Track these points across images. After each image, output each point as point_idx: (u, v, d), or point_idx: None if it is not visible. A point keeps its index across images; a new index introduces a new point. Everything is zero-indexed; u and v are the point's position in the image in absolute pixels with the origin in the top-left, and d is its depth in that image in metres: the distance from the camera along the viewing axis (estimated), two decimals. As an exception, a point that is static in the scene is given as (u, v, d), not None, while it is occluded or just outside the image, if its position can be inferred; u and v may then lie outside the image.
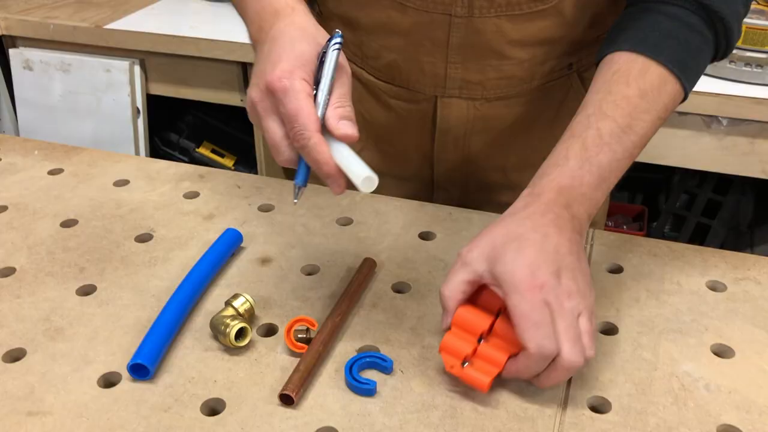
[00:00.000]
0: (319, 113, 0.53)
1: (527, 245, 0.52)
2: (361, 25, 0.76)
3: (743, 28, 1.20)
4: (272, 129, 0.54)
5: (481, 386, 0.53)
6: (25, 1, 1.63)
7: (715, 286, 0.67)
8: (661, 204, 1.70)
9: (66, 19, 1.52)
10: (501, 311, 0.55)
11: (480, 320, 0.55)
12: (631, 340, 0.60)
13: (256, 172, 1.66)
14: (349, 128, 0.53)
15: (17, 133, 1.66)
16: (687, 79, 0.65)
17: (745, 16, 0.68)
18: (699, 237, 1.55)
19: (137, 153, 1.57)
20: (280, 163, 0.55)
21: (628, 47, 0.64)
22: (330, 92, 0.54)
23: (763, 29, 1.21)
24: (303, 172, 0.55)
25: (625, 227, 1.57)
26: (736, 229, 1.57)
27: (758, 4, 1.32)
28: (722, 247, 1.54)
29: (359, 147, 0.84)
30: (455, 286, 0.54)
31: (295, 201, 0.55)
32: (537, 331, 0.50)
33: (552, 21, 0.71)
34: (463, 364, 0.53)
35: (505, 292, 0.51)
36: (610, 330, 0.61)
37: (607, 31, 0.69)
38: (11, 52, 1.59)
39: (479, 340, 0.55)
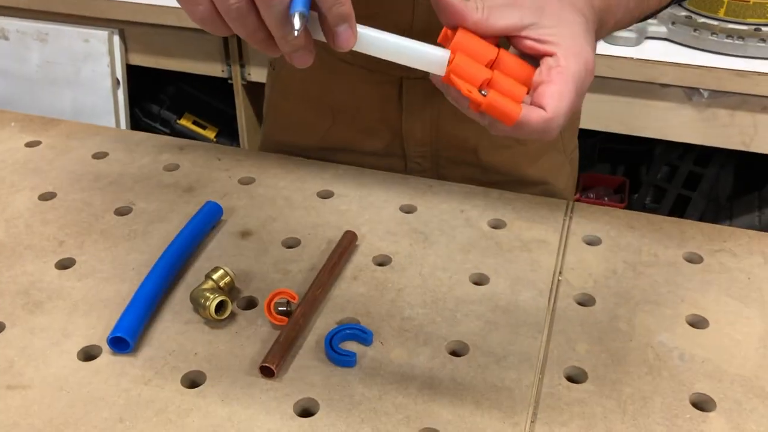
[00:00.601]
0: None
1: (581, 23, 0.50)
2: None
3: (725, 0, 1.20)
4: None
5: (512, 116, 0.46)
6: (-1, -32, 1.60)
7: (691, 258, 0.68)
8: (642, 176, 1.71)
9: (42, -13, 1.49)
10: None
11: (485, 48, 0.48)
12: (608, 312, 0.61)
13: (238, 144, 1.65)
14: (350, 37, 0.45)
15: (-6, 103, 1.63)
16: None
17: None
18: (679, 209, 1.56)
19: (117, 124, 1.55)
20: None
21: None
22: None
23: (745, 1, 1.21)
24: None
25: (606, 199, 1.58)
26: (716, 201, 1.58)
27: (741, -25, 1.32)
28: (702, 218, 1.56)
29: (327, 125, 0.83)
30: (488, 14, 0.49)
31: (297, 31, 0.43)
32: (568, 99, 0.47)
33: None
34: (479, 91, 0.47)
35: (561, 50, 0.48)
36: (587, 301, 0.62)
37: None
38: (-14, 21, 1.56)
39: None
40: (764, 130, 1.22)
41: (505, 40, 0.50)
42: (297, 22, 0.42)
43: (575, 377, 0.55)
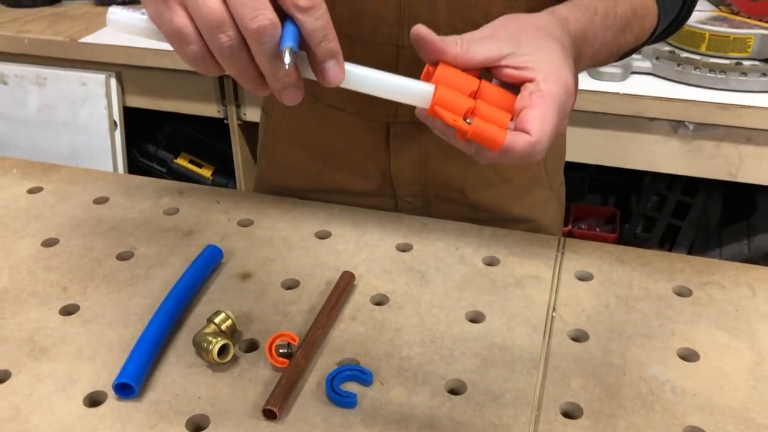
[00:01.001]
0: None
1: (558, 48, 0.53)
2: None
3: (706, 35, 1.24)
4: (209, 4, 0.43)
5: (497, 141, 0.47)
6: (-2, 15, 1.63)
7: (681, 291, 0.70)
8: (632, 205, 1.74)
9: (40, 33, 1.51)
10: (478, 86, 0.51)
11: (467, 79, 0.50)
12: (601, 347, 0.62)
13: (234, 183, 1.67)
14: (339, 73, 0.47)
15: (-7, 146, 1.65)
16: (663, 22, 0.69)
17: None
18: (670, 238, 1.58)
19: (115, 165, 1.57)
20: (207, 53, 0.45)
21: None
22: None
23: (725, 36, 1.24)
24: (291, 31, 0.45)
25: (598, 230, 1.61)
26: (705, 230, 1.61)
27: (722, 11, 1.36)
28: (692, 247, 1.58)
29: (319, 167, 0.85)
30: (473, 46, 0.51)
31: (287, 65, 0.44)
32: (551, 122, 0.49)
33: None
34: (464, 120, 0.49)
35: (540, 75, 0.50)
36: (580, 337, 0.64)
37: None
38: (-15, 66, 1.59)
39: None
40: (749, 160, 1.25)
41: (486, 72, 0.53)
42: (287, 58, 0.43)
43: (571, 413, 0.56)
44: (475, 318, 0.66)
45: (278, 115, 0.88)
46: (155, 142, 1.76)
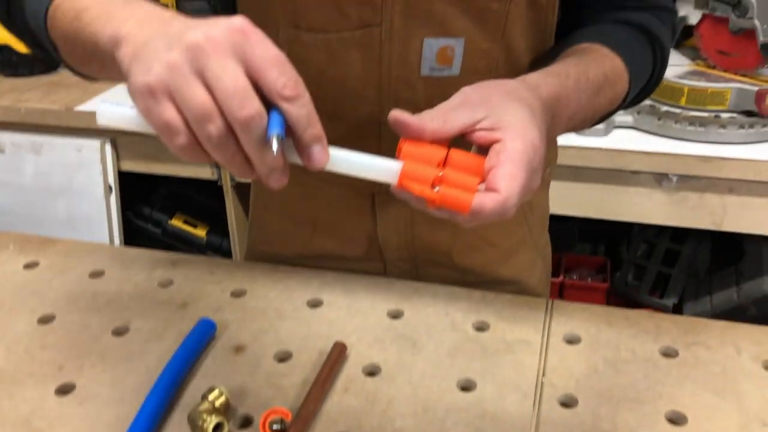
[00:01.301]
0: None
1: (526, 108, 0.55)
2: None
3: (685, 89, 1.28)
4: (230, 76, 0.44)
5: (464, 205, 0.50)
6: (-5, 85, 1.67)
7: (667, 352, 0.71)
8: (623, 253, 1.76)
9: (36, 102, 1.55)
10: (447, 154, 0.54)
11: (434, 150, 0.52)
12: (591, 411, 0.63)
13: (229, 241, 1.69)
14: (324, 156, 0.49)
15: (-11, 214, 1.67)
16: (634, 85, 0.72)
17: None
18: (661, 285, 1.60)
19: (111, 229, 1.59)
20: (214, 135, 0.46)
21: (591, 41, 0.71)
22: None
23: (703, 90, 1.28)
24: (277, 119, 0.47)
25: (589, 279, 1.62)
26: (695, 277, 1.63)
27: (699, 66, 1.40)
28: (683, 294, 1.59)
29: (308, 235, 0.87)
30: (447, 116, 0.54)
31: (275, 151, 0.46)
32: (519, 178, 0.51)
33: None
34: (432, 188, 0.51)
35: (508, 134, 0.52)
36: (570, 402, 0.65)
37: (556, 43, 0.76)
38: (-18, 135, 1.62)
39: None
40: (732, 209, 1.28)
41: (460, 137, 0.55)
42: (275, 145, 0.45)
43: (562, 482, 0.57)
44: (467, 386, 0.67)
45: (264, 187, 0.90)
46: (150, 203, 1.78)
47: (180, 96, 0.45)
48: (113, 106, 0.51)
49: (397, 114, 0.53)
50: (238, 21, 0.46)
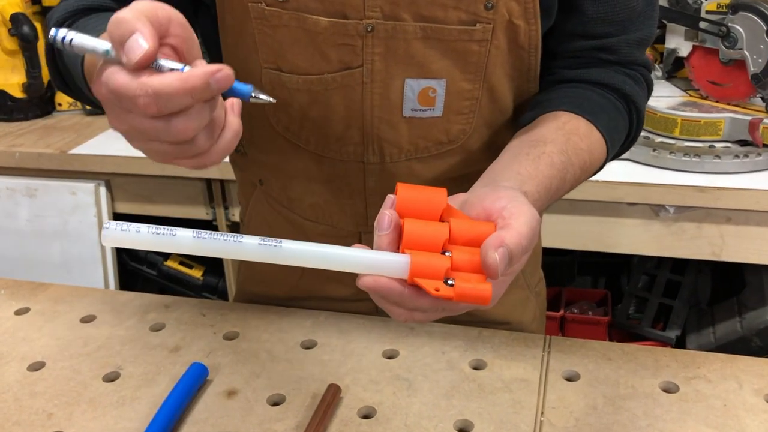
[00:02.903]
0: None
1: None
2: (285, 172, 0.80)
3: (678, 120, 1.28)
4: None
5: (485, 297, 0.47)
6: (-10, 130, 1.67)
7: (668, 387, 0.69)
8: (623, 285, 1.74)
9: (31, 146, 1.55)
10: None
11: (437, 230, 0.50)
12: (591, 451, 0.62)
13: (224, 281, 1.68)
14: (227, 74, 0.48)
15: (-17, 259, 1.66)
16: (611, 152, 0.72)
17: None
18: (663, 317, 1.58)
19: (105, 271, 1.58)
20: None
21: (568, 109, 0.71)
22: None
23: (697, 121, 1.28)
24: (236, 85, 0.50)
25: (590, 313, 1.61)
26: (697, 308, 1.61)
27: (691, 96, 1.41)
28: (685, 325, 1.58)
29: (297, 276, 0.86)
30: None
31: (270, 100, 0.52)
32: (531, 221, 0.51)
33: (460, 157, 0.76)
34: (445, 282, 0.48)
35: (514, 213, 0.51)
36: (570, 442, 0.63)
37: (534, 99, 0.75)
38: (-23, 180, 1.62)
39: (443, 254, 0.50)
40: (731, 239, 1.27)
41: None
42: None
43: None
44: (465, 428, 0.65)
45: (255, 226, 0.90)
46: (146, 245, 1.77)
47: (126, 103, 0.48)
48: (118, 231, 0.51)
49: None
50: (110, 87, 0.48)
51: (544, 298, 0.95)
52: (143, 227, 0.50)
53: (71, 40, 0.49)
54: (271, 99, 0.52)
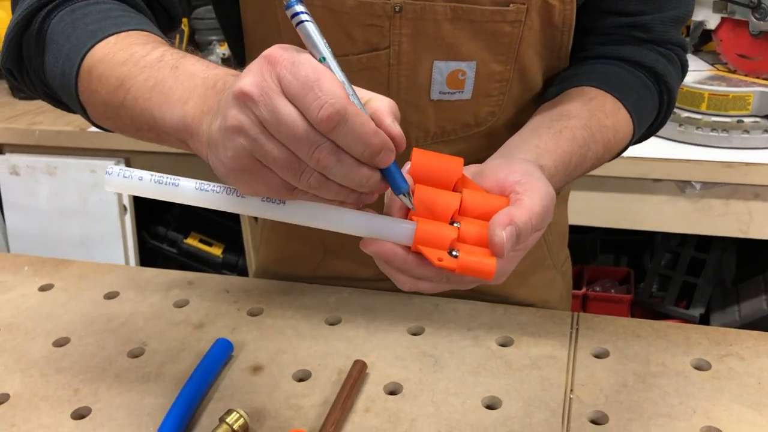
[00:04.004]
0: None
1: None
2: None
3: (706, 94, 1.25)
4: (283, 117, 0.42)
5: (488, 272, 0.46)
6: (10, 108, 1.67)
7: (699, 365, 0.68)
8: (646, 263, 1.72)
9: (50, 124, 1.55)
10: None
11: (448, 199, 0.49)
12: (622, 428, 0.61)
13: (244, 259, 1.68)
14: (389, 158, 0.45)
15: (6, 237, 1.67)
16: (637, 132, 0.70)
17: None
18: (687, 295, 1.56)
19: (125, 250, 1.58)
20: (330, 193, 0.46)
21: (596, 85, 0.69)
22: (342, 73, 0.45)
23: (725, 95, 1.26)
24: (397, 173, 0.46)
25: (612, 291, 1.59)
26: (722, 286, 1.59)
27: (719, 70, 1.38)
28: (709, 304, 1.56)
29: (319, 257, 0.86)
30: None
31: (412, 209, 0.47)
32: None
33: (486, 139, 0.74)
34: (450, 253, 0.47)
35: (527, 189, 0.50)
36: (600, 419, 0.62)
37: (561, 74, 0.74)
38: (-2, 158, 1.62)
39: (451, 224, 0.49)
40: (759, 216, 1.25)
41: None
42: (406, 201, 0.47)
43: (595, 504, 0.54)
44: (492, 404, 0.64)
45: None
46: (165, 223, 1.77)
47: (261, 157, 0.44)
48: (120, 178, 0.50)
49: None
50: (267, 51, 0.44)
51: (570, 277, 0.93)
52: (146, 174, 0.49)
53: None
54: (412, 208, 0.48)
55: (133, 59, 0.54)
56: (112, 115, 0.57)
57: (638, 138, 0.74)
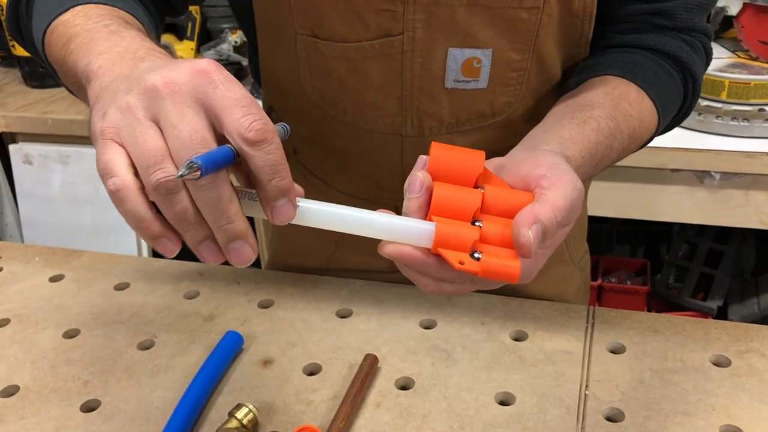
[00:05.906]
0: None
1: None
2: (319, 143, 0.78)
3: (726, 83, 1.23)
4: (186, 123, 0.40)
5: (513, 275, 0.43)
6: (23, 97, 1.67)
7: (719, 361, 0.67)
8: (663, 255, 1.70)
9: (62, 113, 1.55)
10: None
11: (469, 197, 0.46)
12: (638, 426, 0.60)
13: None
14: (289, 211, 0.44)
15: (19, 226, 1.67)
16: (662, 122, 0.68)
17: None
18: (704, 287, 1.54)
19: (138, 239, 1.58)
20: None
21: (618, 74, 0.67)
22: None
23: (746, 83, 1.23)
24: (219, 153, 0.40)
25: (629, 282, 1.57)
26: (740, 278, 1.56)
27: (740, 58, 1.35)
28: (728, 296, 1.53)
29: (331, 249, 0.85)
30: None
31: (178, 175, 0.40)
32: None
33: (503, 130, 0.72)
34: (472, 255, 0.44)
35: (553, 183, 0.48)
36: (616, 416, 0.61)
37: (581, 63, 0.72)
38: (11, 147, 1.62)
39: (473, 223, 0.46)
40: (780, 208, 1.22)
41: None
42: (182, 170, 0.39)
43: (611, 504, 0.53)
44: (506, 400, 0.63)
45: None
46: (178, 212, 1.77)
47: (130, 140, 0.41)
48: None
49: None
50: (203, 63, 0.42)
51: (588, 272, 0.91)
52: None
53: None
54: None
55: (86, 24, 0.54)
56: (62, 73, 0.58)
57: (663, 128, 0.72)
